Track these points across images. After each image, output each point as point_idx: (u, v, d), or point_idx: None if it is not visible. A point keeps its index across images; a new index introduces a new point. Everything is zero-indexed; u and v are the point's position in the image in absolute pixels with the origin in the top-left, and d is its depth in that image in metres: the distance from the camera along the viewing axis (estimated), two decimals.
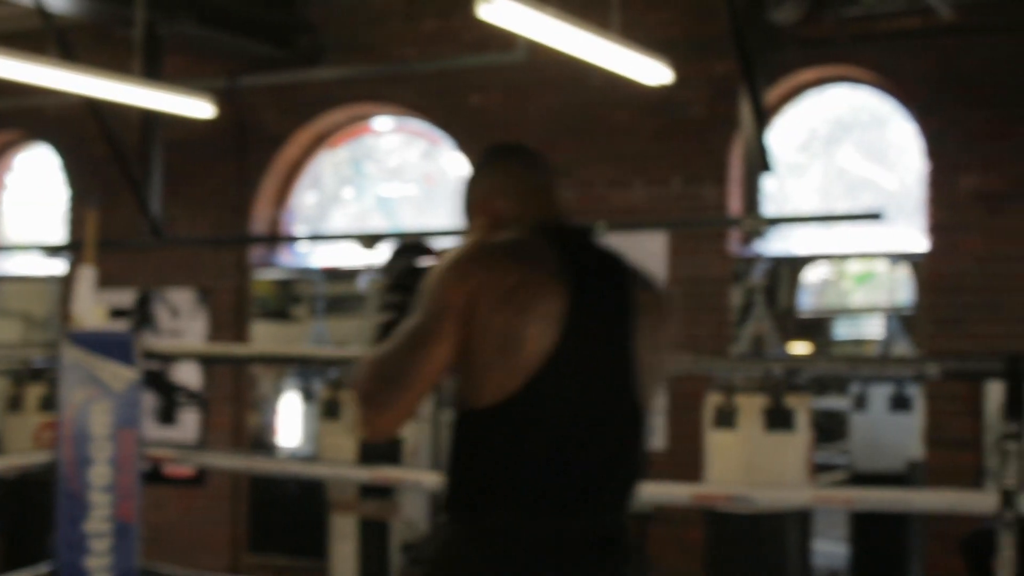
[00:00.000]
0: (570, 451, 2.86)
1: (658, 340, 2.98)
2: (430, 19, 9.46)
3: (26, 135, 11.03)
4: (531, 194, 3.04)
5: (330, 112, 9.86)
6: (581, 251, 2.96)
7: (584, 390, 2.86)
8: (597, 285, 2.91)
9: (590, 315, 2.86)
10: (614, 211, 8.78)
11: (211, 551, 9.90)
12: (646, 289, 3.01)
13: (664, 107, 8.71)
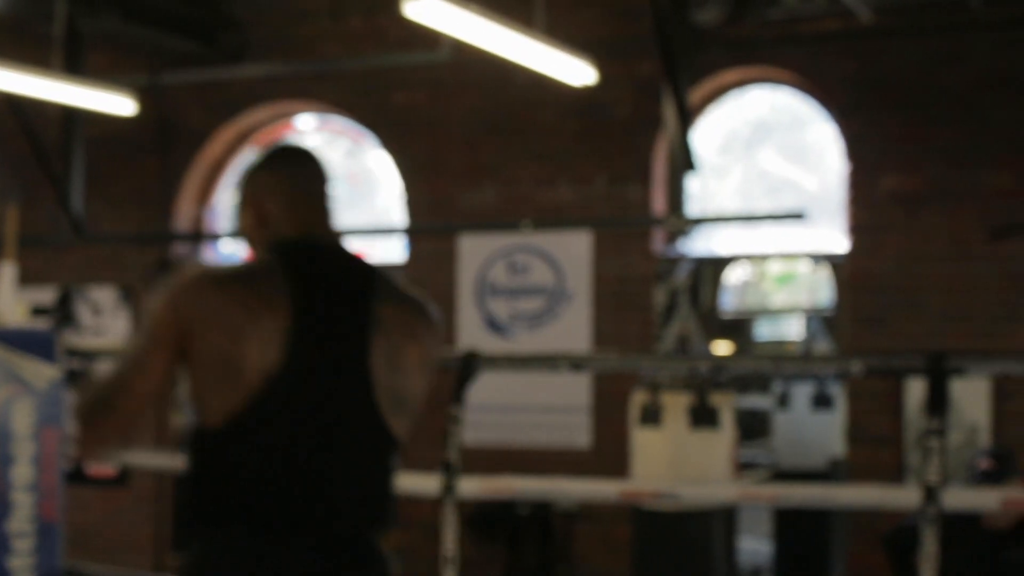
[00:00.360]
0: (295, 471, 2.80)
1: (400, 360, 2.90)
2: (355, 17, 9.43)
3: None
4: (299, 201, 2.99)
5: (254, 110, 9.80)
6: (320, 267, 2.92)
7: (312, 411, 2.81)
8: (330, 303, 2.86)
9: (318, 334, 2.82)
10: (539, 210, 8.80)
11: (134, 551, 9.80)
12: (394, 306, 2.93)
13: (588, 107, 8.74)
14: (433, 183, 9.15)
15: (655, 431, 6.67)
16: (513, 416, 8.76)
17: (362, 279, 2.94)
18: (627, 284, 8.61)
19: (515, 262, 8.86)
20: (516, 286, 8.85)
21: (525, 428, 8.75)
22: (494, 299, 8.90)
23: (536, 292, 8.79)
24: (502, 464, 8.41)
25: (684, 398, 6.61)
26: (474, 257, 8.95)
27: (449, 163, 9.12)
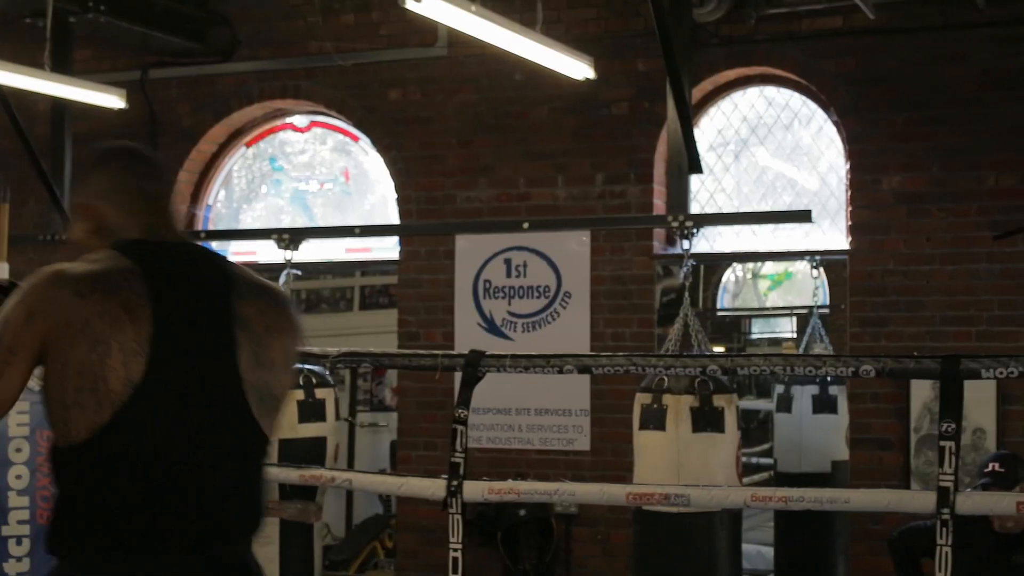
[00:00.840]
0: (165, 482, 2.73)
1: (265, 356, 2.85)
2: (348, 13, 9.32)
3: None
4: (138, 202, 2.91)
5: (245, 107, 9.67)
6: (176, 268, 2.85)
7: (181, 419, 2.75)
8: (189, 303, 2.80)
9: (183, 339, 2.76)
10: (536, 209, 8.71)
11: None
12: (254, 301, 2.87)
13: (586, 104, 8.65)
14: (428, 181, 9.05)
15: (658, 433, 6.58)
16: (511, 418, 8.67)
17: (219, 276, 2.87)
18: (625, 284, 8.52)
19: (512, 262, 8.76)
20: (513, 286, 8.75)
21: (523, 430, 8.66)
22: (491, 299, 8.79)
23: (533, 292, 8.69)
24: (500, 466, 8.35)
25: (687, 400, 6.52)
26: (470, 257, 8.85)
27: (444, 161, 9.02)
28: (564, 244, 8.65)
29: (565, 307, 8.63)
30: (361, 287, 11.69)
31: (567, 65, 7.47)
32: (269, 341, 2.85)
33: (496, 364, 5.92)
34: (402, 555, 9.08)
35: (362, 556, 9.56)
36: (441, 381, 8.38)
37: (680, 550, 6.55)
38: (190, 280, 2.84)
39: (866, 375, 5.37)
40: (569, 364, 5.77)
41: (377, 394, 11.34)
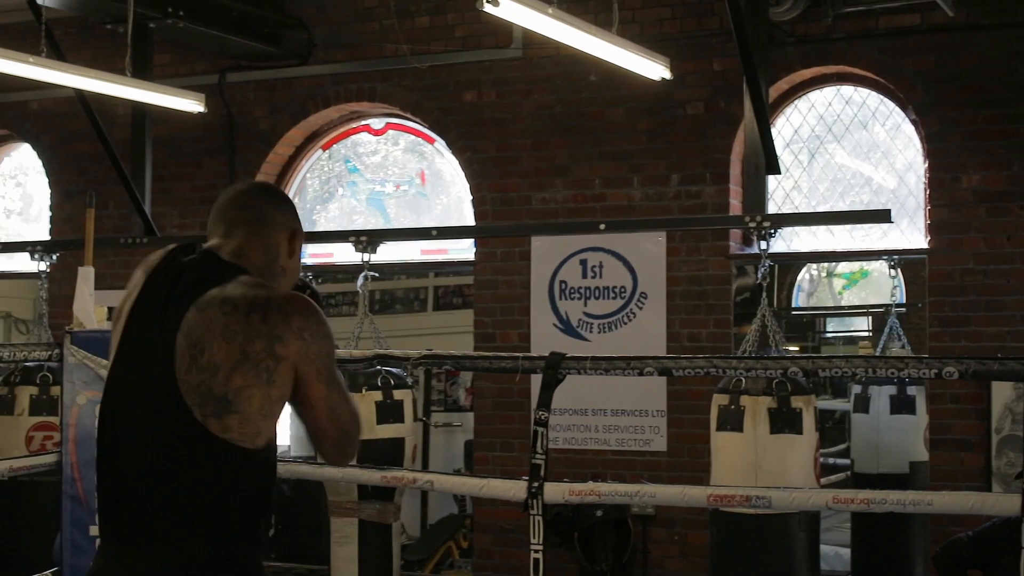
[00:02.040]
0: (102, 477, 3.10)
1: (202, 359, 2.96)
2: (423, 15, 9.36)
3: (9, 132, 10.87)
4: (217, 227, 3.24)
5: (321, 110, 9.73)
6: (166, 274, 3.14)
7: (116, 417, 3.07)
8: (152, 308, 3.11)
9: (134, 343, 3.12)
10: (611, 210, 8.71)
11: None
12: (206, 308, 3.00)
13: (662, 105, 8.64)
14: (503, 183, 9.07)
15: (735, 434, 6.56)
16: (587, 419, 8.68)
17: (194, 288, 3.04)
18: (701, 284, 8.50)
19: (588, 263, 8.76)
20: (589, 287, 8.75)
21: (600, 431, 8.66)
22: (567, 300, 8.80)
23: (609, 293, 8.69)
24: (576, 467, 8.36)
25: (765, 401, 6.50)
26: (546, 258, 8.86)
27: (519, 162, 9.03)
28: (640, 245, 8.64)
29: (641, 308, 8.62)
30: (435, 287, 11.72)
31: (643, 65, 7.45)
32: (212, 346, 2.96)
33: (576, 366, 5.95)
34: (479, 555, 9.11)
35: (437, 556, 9.59)
36: (517, 382, 8.41)
37: (758, 552, 6.53)
38: (166, 291, 3.07)
39: (949, 377, 5.34)
40: (649, 366, 5.78)
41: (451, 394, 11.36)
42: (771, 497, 5.59)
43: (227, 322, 2.98)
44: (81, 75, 7.79)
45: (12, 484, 7.66)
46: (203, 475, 2.97)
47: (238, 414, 2.96)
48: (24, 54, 7.42)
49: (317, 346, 3.03)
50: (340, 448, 3.15)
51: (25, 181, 11.17)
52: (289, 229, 3.25)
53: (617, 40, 7.04)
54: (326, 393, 3.06)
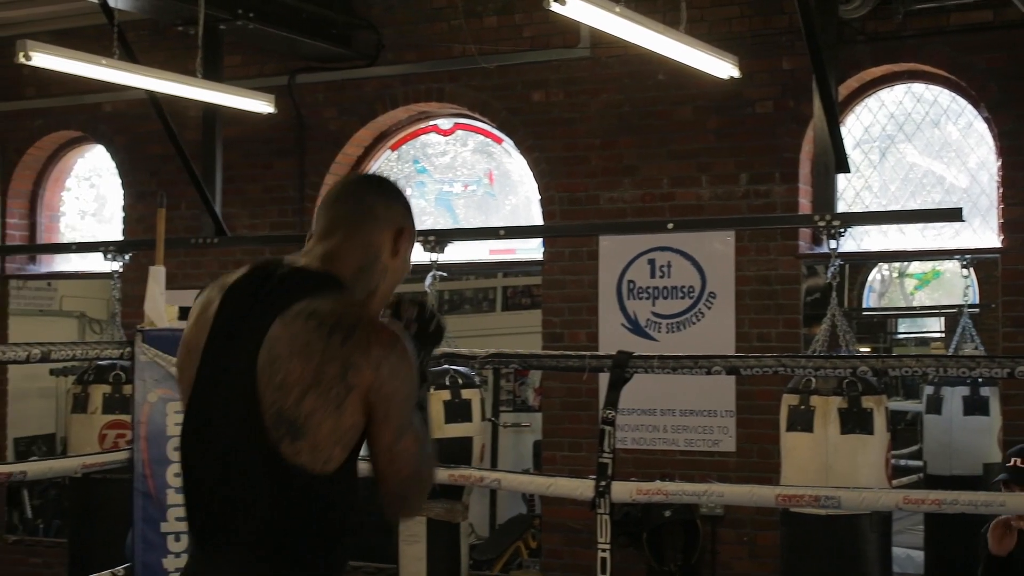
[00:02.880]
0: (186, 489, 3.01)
1: (277, 378, 2.84)
2: (491, 15, 9.37)
3: (84, 134, 11.00)
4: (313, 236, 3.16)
5: (390, 110, 9.77)
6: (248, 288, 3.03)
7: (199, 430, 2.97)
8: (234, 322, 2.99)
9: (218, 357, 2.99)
10: (679, 209, 8.68)
11: None
12: (290, 323, 2.86)
13: (730, 103, 8.60)
14: (571, 182, 9.06)
15: (805, 435, 6.52)
16: (655, 419, 8.65)
17: (278, 300, 2.91)
18: (771, 284, 8.45)
19: (656, 262, 8.74)
20: (657, 287, 8.73)
21: (668, 431, 8.63)
22: (635, 300, 8.78)
23: (678, 293, 8.66)
24: (644, 467, 8.34)
25: (835, 401, 6.45)
26: (614, 257, 8.85)
27: (587, 162, 9.02)
28: (708, 244, 8.60)
29: (710, 307, 8.59)
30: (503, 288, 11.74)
31: (711, 64, 7.42)
32: (288, 365, 2.83)
33: (644, 365, 5.93)
34: (547, 555, 9.11)
35: (506, 556, 9.60)
36: (586, 382, 8.40)
37: (828, 553, 6.48)
38: (247, 300, 2.97)
39: (1022, 376, 5.27)
40: (717, 365, 5.76)
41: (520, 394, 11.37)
42: (840, 497, 5.55)
43: (309, 339, 2.83)
44: (153, 77, 7.88)
45: (86, 481, 7.77)
46: (280, 503, 2.86)
47: (307, 440, 2.83)
48: (97, 56, 7.51)
49: (392, 385, 2.85)
50: (395, 499, 2.96)
51: (99, 183, 11.30)
52: (396, 226, 3.09)
53: (685, 39, 7.02)
54: (391, 440, 2.88)
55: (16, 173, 11.18)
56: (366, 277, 3.04)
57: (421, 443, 2.93)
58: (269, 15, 9.01)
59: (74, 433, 8.15)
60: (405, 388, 2.87)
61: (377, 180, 3.24)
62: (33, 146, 11.12)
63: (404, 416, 2.88)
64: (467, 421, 7.42)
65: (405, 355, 2.87)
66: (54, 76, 9.29)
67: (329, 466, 2.84)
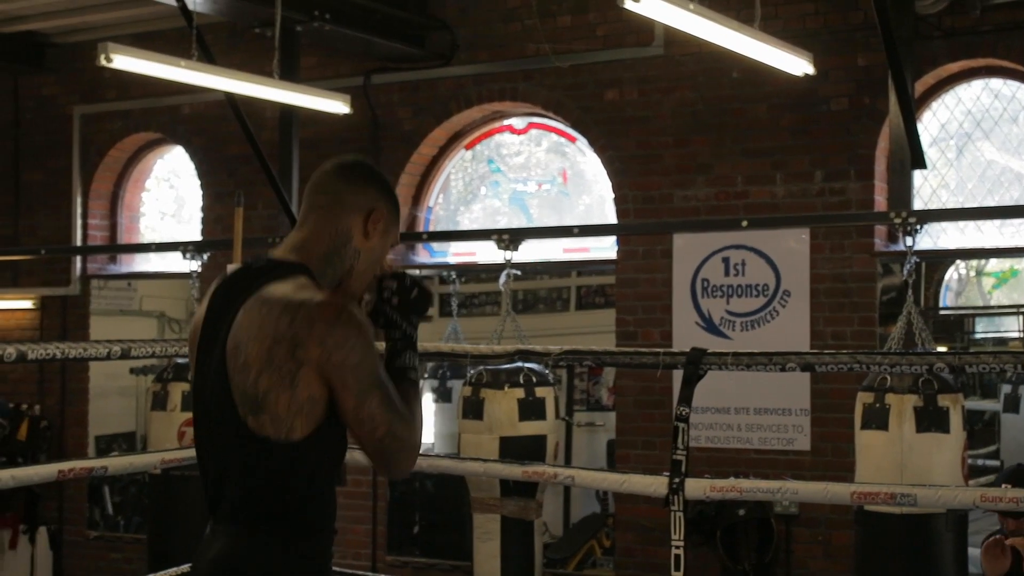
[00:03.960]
0: (201, 471, 3.30)
1: (241, 359, 3.07)
2: (564, 14, 9.39)
3: (163, 136, 11.15)
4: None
5: (464, 110, 9.82)
6: (231, 279, 3.31)
7: (196, 413, 3.27)
8: (212, 312, 3.28)
9: (204, 349, 3.27)
10: (754, 207, 8.66)
11: (351, 550, 9.92)
12: (250, 309, 3.10)
13: (805, 101, 8.56)
14: (645, 181, 9.07)
15: (880, 433, 6.47)
16: (730, 417, 8.64)
17: (244, 290, 3.16)
18: (846, 282, 8.40)
19: (730, 260, 8.72)
20: (731, 285, 8.71)
21: (742, 429, 8.61)
22: (709, 298, 8.77)
23: (752, 291, 8.64)
24: (718, 465, 8.32)
25: (910, 399, 6.40)
26: (688, 256, 8.84)
27: (661, 160, 9.02)
28: (783, 242, 8.57)
29: (784, 306, 8.55)
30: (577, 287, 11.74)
31: (786, 61, 7.39)
32: (248, 349, 3.06)
33: (717, 362, 5.92)
34: (621, 553, 9.11)
35: (580, 554, 9.62)
36: (659, 380, 8.40)
37: (904, 553, 6.43)
38: (229, 296, 3.20)
39: None
40: (791, 362, 5.74)
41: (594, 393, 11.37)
42: (916, 495, 5.51)
43: (262, 323, 3.06)
44: (231, 78, 7.96)
45: (165, 477, 7.88)
46: (252, 471, 3.10)
47: (268, 414, 3.05)
48: (176, 58, 7.61)
49: (340, 355, 3.02)
50: (377, 460, 3.16)
51: (178, 183, 11.45)
52: (366, 209, 3.26)
53: (760, 36, 7.00)
54: (354, 405, 3.05)
55: (97, 174, 11.37)
56: (337, 261, 3.25)
57: (389, 405, 3.09)
58: (345, 16, 9.08)
59: (153, 430, 8.27)
60: (355, 356, 3.04)
61: (347, 166, 3.34)
62: (114, 147, 11.30)
63: (362, 382, 3.05)
64: (541, 419, 7.44)
65: (351, 326, 3.04)
66: (134, 78, 9.43)
67: (294, 435, 3.05)
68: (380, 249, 3.30)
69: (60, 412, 11.29)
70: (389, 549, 9.91)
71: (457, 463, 7.13)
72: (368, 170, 3.36)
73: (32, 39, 11.18)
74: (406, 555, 9.85)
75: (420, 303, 3.31)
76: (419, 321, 3.31)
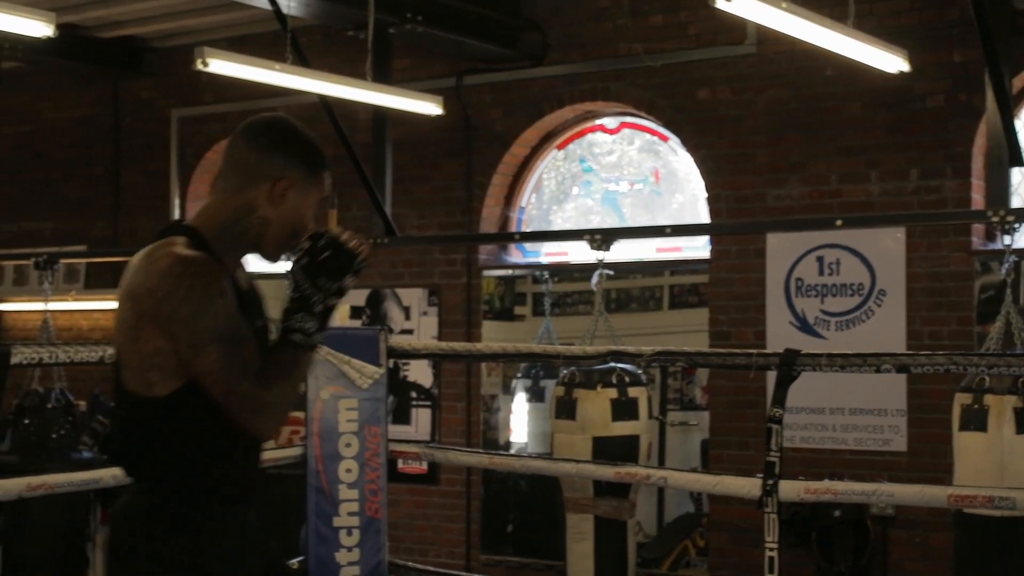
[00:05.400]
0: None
1: (116, 321, 3.20)
2: (656, 14, 9.37)
3: None
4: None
5: (556, 110, 9.83)
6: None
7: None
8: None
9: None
10: (848, 206, 8.58)
11: (444, 548, 9.97)
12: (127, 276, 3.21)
13: (900, 98, 8.47)
14: (737, 180, 9.02)
15: (979, 434, 6.39)
16: (824, 418, 8.57)
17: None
18: (943, 281, 8.30)
19: (825, 260, 8.65)
20: (826, 284, 8.64)
21: (837, 430, 8.54)
22: (803, 298, 8.71)
23: (847, 290, 8.57)
24: (813, 466, 8.26)
25: (1010, 400, 6.31)
26: (782, 255, 8.78)
27: (754, 159, 8.97)
28: (878, 241, 8.49)
29: (880, 305, 8.47)
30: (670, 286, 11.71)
31: (880, 59, 7.32)
32: (118, 305, 3.22)
33: (811, 363, 5.88)
34: (714, 554, 9.08)
35: (674, 555, 9.59)
36: (753, 380, 8.35)
37: (1003, 557, 6.34)
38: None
39: None
40: (887, 363, 5.68)
41: (687, 392, 11.33)
42: (1015, 498, 5.44)
43: (124, 281, 3.19)
44: (324, 80, 8.04)
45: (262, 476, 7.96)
46: (128, 427, 3.20)
47: (128, 369, 3.14)
48: (270, 61, 7.70)
49: (169, 306, 3.05)
50: (233, 418, 3.12)
51: None
52: (271, 178, 3.24)
53: (853, 33, 6.94)
54: (189, 356, 3.05)
55: (194, 177, 11.53)
56: (240, 230, 3.25)
57: (230, 361, 3.06)
58: (437, 17, 9.13)
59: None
60: (185, 308, 3.04)
61: (255, 132, 3.29)
62: (211, 150, 11.44)
63: (197, 335, 3.04)
64: (634, 419, 7.42)
65: (184, 277, 3.05)
66: (230, 82, 9.54)
67: (156, 390, 3.10)
68: (294, 214, 3.27)
69: None
70: (483, 548, 9.95)
71: (550, 464, 7.14)
72: (276, 134, 3.29)
73: (131, 44, 11.37)
74: (500, 554, 9.88)
75: (331, 264, 3.17)
76: (331, 284, 3.18)
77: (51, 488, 6.24)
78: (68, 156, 12.21)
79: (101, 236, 11.93)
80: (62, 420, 9.78)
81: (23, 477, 6.27)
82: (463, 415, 10.00)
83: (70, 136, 12.21)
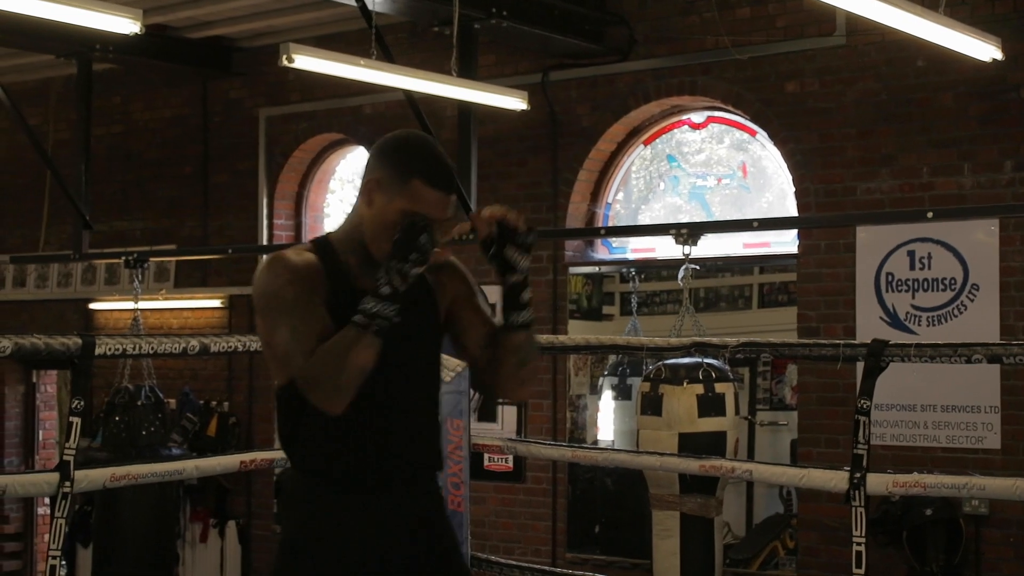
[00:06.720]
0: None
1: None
2: (743, 6, 9.26)
3: (345, 136, 11.32)
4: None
5: (642, 105, 9.76)
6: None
7: None
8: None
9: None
10: (940, 199, 8.42)
11: (531, 547, 9.93)
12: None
13: (993, 88, 8.30)
14: (826, 174, 8.89)
15: None
16: (915, 414, 8.42)
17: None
18: None
19: (916, 254, 8.50)
20: (917, 279, 8.49)
21: (928, 427, 8.39)
22: (893, 293, 8.56)
23: (939, 285, 8.41)
24: (903, 463, 8.11)
25: None
26: (872, 249, 8.64)
27: (843, 152, 8.84)
28: (971, 234, 8.32)
29: (972, 300, 8.30)
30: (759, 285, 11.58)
31: (973, 47, 7.18)
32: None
33: (900, 353, 5.76)
34: (803, 553, 8.95)
35: (763, 555, 9.48)
36: (843, 376, 8.22)
37: None
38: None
39: None
40: (977, 354, 5.56)
41: (777, 392, 11.20)
42: None
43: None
44: (409, 76, 8.03)
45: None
46: (276, 415, 3.51)
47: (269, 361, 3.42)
48: (355, 57, 7.71)
49: (254, 295, 3.39)
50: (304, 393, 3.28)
51: None
52: (366, 180, 3.46)
53: (945, 21, 6.81)
54: (265, 338, 3.38)
55: (282, 175, 11.60)
56: (350, 228, 3.50)
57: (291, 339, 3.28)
58: (522, 13, 9.10)
59: None
60: (260, 296, 3.36)
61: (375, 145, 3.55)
62: (298, 148, 11.51)
63: (265, 319, 3.34)
64: (721, 415, 7.33)
65: (266, 270, 3.37)
66: (317, 80, 9.60)
67: (278, 380, 3.38)
68: (384, 213, 3.39)
69: (248, 408, 11.54)
70: (569, 546, 9.89)
71: (633, 457, 7.09)
72: (385, 140, 3.50)
73: (219, 44, 11.46)
74: (586, 552, 9.82)
75: (399, 245, 3.29)
76: (401, 265, 3.28)
77: (135, 478, 6.27)
78: (158, 156, 12.34)
79: (191, 235, 12.04)
80: (152, 417, 9.89)
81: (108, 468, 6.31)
82: (549, 413, 9.96)
83: (161, 136, 12.35)
